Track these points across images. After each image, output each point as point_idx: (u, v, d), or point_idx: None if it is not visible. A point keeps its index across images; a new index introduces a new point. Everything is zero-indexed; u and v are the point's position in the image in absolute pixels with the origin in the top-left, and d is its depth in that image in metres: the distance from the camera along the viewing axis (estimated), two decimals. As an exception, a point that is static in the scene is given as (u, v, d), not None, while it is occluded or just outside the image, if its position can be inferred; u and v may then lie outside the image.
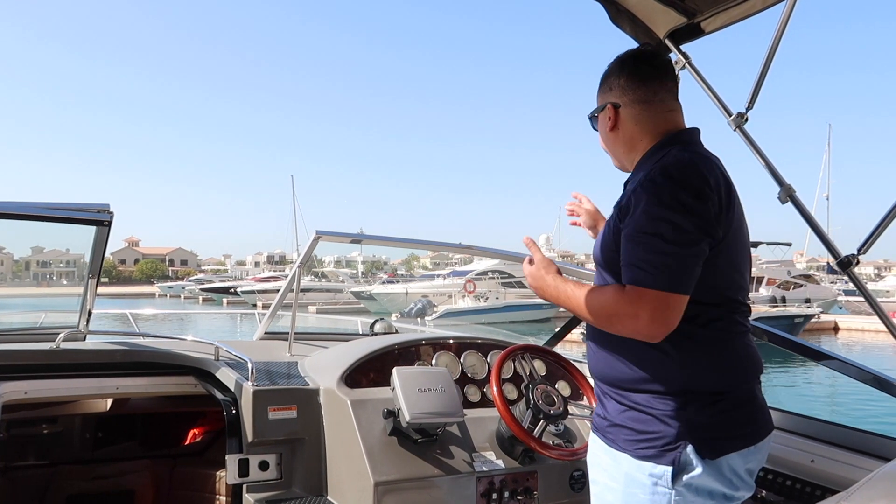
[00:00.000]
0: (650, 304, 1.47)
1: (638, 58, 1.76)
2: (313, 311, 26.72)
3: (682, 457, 1.52)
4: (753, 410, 1.63)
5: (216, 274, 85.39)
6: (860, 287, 2.20)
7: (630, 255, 1.52)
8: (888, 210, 2.03)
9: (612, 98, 1.74)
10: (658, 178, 1.52)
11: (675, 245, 1.47)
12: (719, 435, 1.55)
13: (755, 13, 2.17)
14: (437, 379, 2.35)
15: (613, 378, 1.66)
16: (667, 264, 1.47)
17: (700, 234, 1.49)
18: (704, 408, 1.55)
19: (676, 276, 1.48)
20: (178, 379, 2.91)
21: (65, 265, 19.65)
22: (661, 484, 1.53)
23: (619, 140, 1.75)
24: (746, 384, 1.63)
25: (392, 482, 2.22)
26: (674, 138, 1.68)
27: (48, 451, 3.33)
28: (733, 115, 2.26)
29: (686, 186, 1.50)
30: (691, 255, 1.49)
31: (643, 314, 1.47)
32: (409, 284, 43.43)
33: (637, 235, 1.51)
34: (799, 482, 2.13)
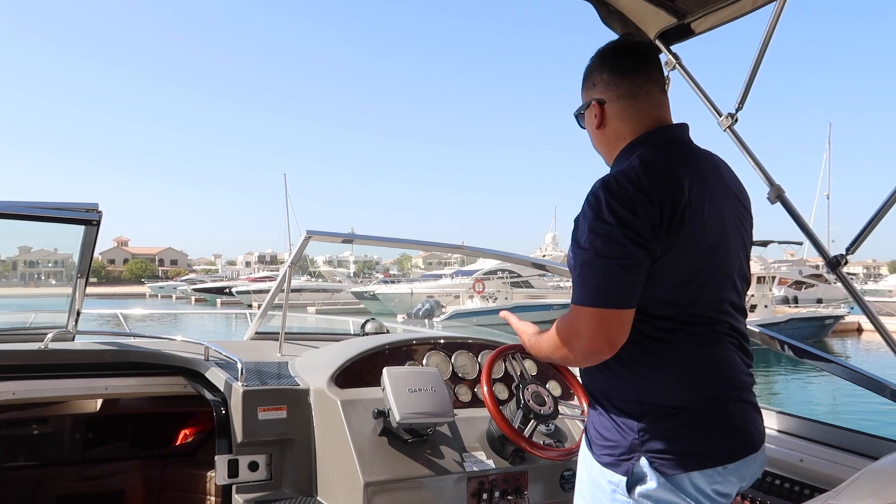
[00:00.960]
0: (588, 321, 1.45)
1: (619, 50, 1.67)
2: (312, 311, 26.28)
3: (634, 468, 1.49)
4: (720, 429, 1.52)
5: (208, 274, 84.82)
6: (849, 287, 2.21)
7: (572, 272, 1.51)
8: (876, 210, 2.04)
9: (596, 94, 1.66)
10: (597, 191, 1.47)
11: (608, 259, 1.43)
12: (674, 451, 1.48)
13: (745, 14, 2.18)
14: (428, 379, 2.34)
15: (587, 384, 1.68)
16: (601, 281, 1.44)
17: (632, 247, 1.43)
18: (659, 422, 1.50)
19: (611, 292, 1.44)
20: (168, 379, 2.90)
21: (53, 265, 19.52)
22: (619, 492, 1.52)
23: (605, 138, 1.68)
24: (712, 401, 1.53)
25: (382, 482, 2.21)
26: (648, 137, 1.61)
27: (38, 451, 3.31)
28: (723, 115, 2.26)
29: (620, 199, 1.44)
30: (624, 267, 1.43)
31: (584, 332, 1.46)
32: (413, 284, 42.43)
33: (574, 251, 1.49)
34: (788, 481, 2.13)
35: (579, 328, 1.47)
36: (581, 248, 1.47)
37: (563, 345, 1.53)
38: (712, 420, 1.52)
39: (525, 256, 4.02)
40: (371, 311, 38.10)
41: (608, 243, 1.43)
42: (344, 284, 55.41)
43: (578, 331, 1.47)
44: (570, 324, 1.50)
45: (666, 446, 1.49)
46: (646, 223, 1.43)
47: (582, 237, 1.47)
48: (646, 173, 1.47)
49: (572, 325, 1.49)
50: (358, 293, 43.90)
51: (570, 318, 1.50)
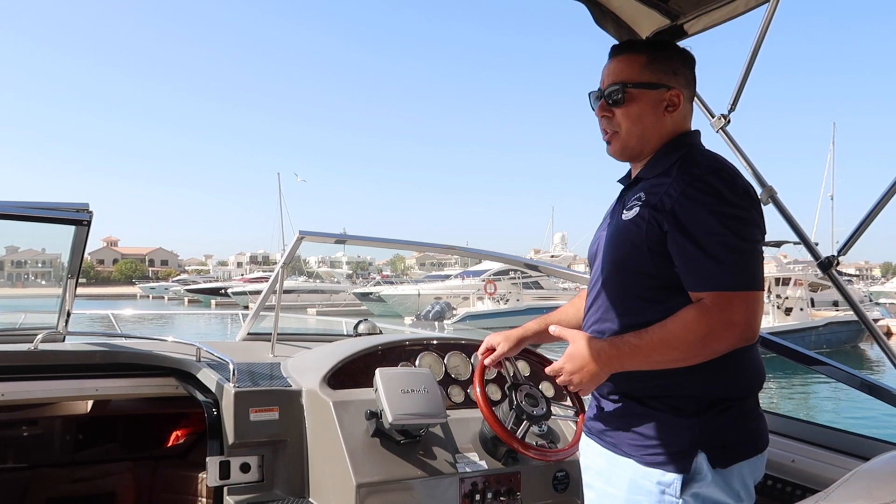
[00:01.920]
0: (743, 306, 1.44)
1: (692, 56, 1.73)
2: (313, 313, 25.58)
3: (693, 465, 1.49)
4: (758, 418, 1.61)
5: (200, 274, 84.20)
6: (840, 288, 2.22)
7: (704, 260, 1.46)
8: (867, 212, 2.05)
9: (675, 83, 1.64)
10: (711, 179, 1.49)
11: (750, 242, 1.48)
12: (731, 443, 1.52)
13: (738, 16, 2.18)
14: (421, 380, 2.34)
15: (619, 382, 1.60)
16: (746, 263, 1.46)
17: (761, 232, 1.51)
18: (717, 415, 1.52)
19: (756, 274, 1.47)
20: (159, 380, 2.88)
21: (41, 265, 19.34)
22: (669, 493, 1.49)
23: (663, 130, 1.65)
24: (754, 392, 1.60)
25: (374, 484, 2.21)
26: (686, 138, 1.66)
27: (28, 453, 3.29)
28: (716, 116, 2.27)
29: (739, 185, 1.50)
30: (760, 251, 1.50)
31: (739, 319, 1.44)
32: (420, 285, 40.92)
33: (709, 238, 1.46)
34: (780, 482, 2.14)
35: (732, 316, 1.44)
36: (716, 234, 1.46)
37: (705, 339, 1.45)
38: (754, 409, 1.60)
39: (518, 257, 4.03)
40: (374, 313, 37.18)
41: (744, 227, 1.48)
42: (342, 285, 54.35)
43: (731, 319, 1.44)
44: (718, 312, 1.44)
45: (723, 439, 1.52)
46: (761, 207, 1.54)
47: (712, 224, 1.46)
48: (732, 165, 1.57)
49: (722, 313, 1.44)
50: (361, 294, 42.80)
51: (717, 307, 1.45)
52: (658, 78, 1.64)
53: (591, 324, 1.70)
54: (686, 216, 1.48)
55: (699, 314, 1.46)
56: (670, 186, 1.52)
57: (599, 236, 1.76)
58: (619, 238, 1.62)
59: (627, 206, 1.62)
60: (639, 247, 1.55)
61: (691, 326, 1.45)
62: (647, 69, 1.64)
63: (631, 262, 1.58)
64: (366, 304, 40.31)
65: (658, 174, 1.60)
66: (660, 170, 1.60)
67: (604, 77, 1.69)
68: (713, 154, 1.61)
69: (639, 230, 1.55)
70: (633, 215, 1.58)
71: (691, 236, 1.47)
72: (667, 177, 1.56)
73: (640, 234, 1.54)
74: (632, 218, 1.58)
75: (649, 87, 1.63)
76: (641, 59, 1.65)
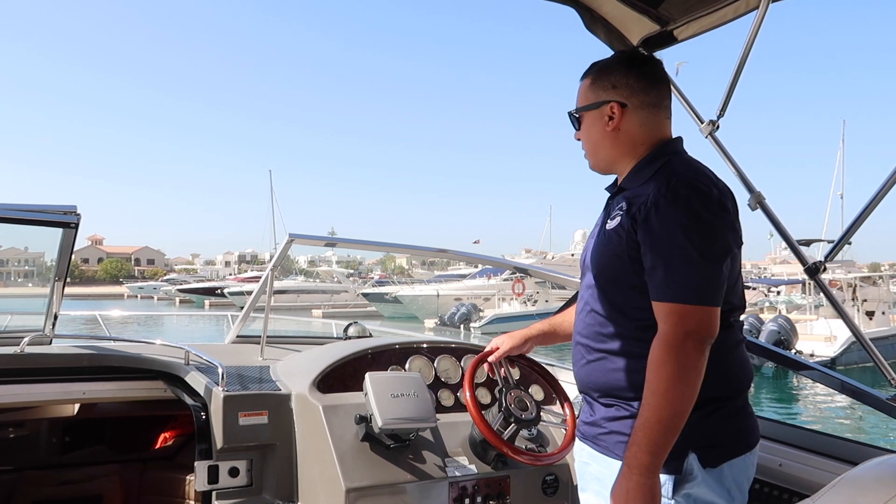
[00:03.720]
0: (696, 318, 1.46)
1: (649, 60, 1.74)
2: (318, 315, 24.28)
3: (685, 466, 1.51)
4: (747, 417, 1.64)
5: (190, 274, 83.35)
6: (828, 294, 2.24)
7: (665, 272, 1.49)
8: (854, 218, 2.07)
9: (616, 97, 1.67)
10: (682, 190, 1.50)
11: (712, 257, 1.48)
12: (720, 443, 1.55)
13: (727, 22, 2.20)
14: (410, 384, 2.34)
15: (609, 386, 1.62)
16: (704, 278, 1.47)
17: (731, 245, 1.51)
18: (706, 416, 1.54)
19: (713, 289, 1.48)
20: (147, 384, 2.86)
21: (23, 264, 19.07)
22: (662, 494, 1.50)
23: (617, 142, 1.69)
24: (743, 391, 1.63)
25: (364, 488, 2.20)
26: (668, 147, 1.67)
27: (13, 455, 3.26)
28: (705, 122, 2.28)
29: (711, 197, 1.50)
30: (726, 266, 1.50)
31: (693, 328, 1.45)
32: (440, 285, 38.22)
33: (669, 250, 1.49)
34: (767, 486, 2.15)
35: (687, 327, 1.46)
36: (678, 247, 1.47)
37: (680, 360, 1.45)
38: (745, 407, 1.63)
39: (508, 261, 4.05)
40: (384, 315, 35.65)
41: (710, 243, 1.48)
42: (343, 285, 52.44)
43: (687, 329, 1.46)
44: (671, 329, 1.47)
45: (713, 439, 1.55)
46: (735, 219, 1.54)
47: (676, 237, 1.48)
48: (711, 174, 1.58)
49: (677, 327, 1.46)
50: (372, 295, 40.55)
51: (669, 321, 1.47)
52: (597, 96, 1.69)
53: (578, 332, 1.74)
54: (654, 226, 1.51)
55: (659, 345, 1.48)
56: (647, 196, 1.55)
57: (588, 245, 1.78)
58: (602, 247, 1.66)
59: (611, 216, 1.66)
60: (620, 256, 1.59)
61: (661, 362, 1.47)
62: (590, 91, 1.71)
63: (613, 271, 1.62)
64: (375, 306, 38.70)
65: (640, 184, 1.63)
66: (641, 180, 1.63)
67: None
68: (694, 163, 1.62)
69: (619, 239, 1.59)
70: (615, 224, 1.62)
71: (655, 247, 1.51)
72: (647, 186, 1.58)
73: (621, 243, 1.58)
74: (614, 227, 1.62)
75: (591, 107, 1.70)
76: (587, 82, 1.73)
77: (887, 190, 1.97)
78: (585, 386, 1.71)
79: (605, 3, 2.26)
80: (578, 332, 1.74)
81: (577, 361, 1.73)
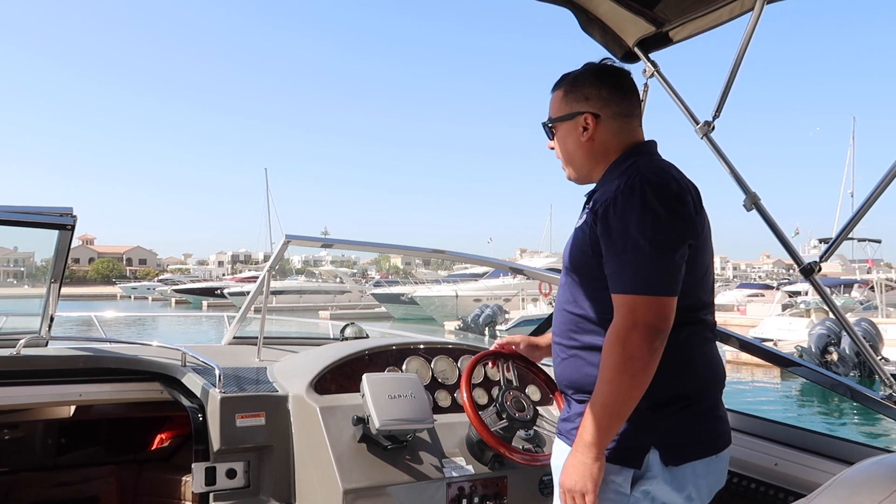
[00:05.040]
0: (647, 308, 1.48)
1: (618, 71, 1.77)
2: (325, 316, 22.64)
3: (645, 462, 1.53)
4: (715, 420, 1.65)
5: (184, 274, 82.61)
6: (823, 294, 2.24)
7: (618, 264, 1.52)
8: (848, 219, 2.08)
9: (588, 108, 1.71)
10: (637, 185, 1.53)
11: (663, 248, 1.49)
12: (683, 441, 1.56)
13: (722, 23, 2.21)
14: (407, 385, 2.34)
15: (579, 381, 1.66)
16: (655, 268, 1.49)
17: (684, 237, 1.52)
18: (670, 413, 1.56)
19: (665, 279, 1.50)
20: (144, 385, 2.86)
21: (12, 264, 19.02)
22: (619, 488, 1.53)
23: (591, 151, 1.74)
24: (710, 391, 1.64)
25: (361, 489, 2.21)
26: (637, 149, 1.71)
27: (9, 457, 3.25)
28: (700, 123, 2.29)
29: (666, 191, 1.53)
30: (679, 256, 1.51)
31: (642, 320, 1.47)
32: (457, 286, 36.33)
33: (622, 242, 1.51)
34: (763, 485, 2.16)
35: (636, 318, 1.48)
36: (630, 238, 1.50)
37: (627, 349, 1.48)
38: (713, 409, 1.64)
39: (503, 261, 4.06)
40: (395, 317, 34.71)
41: (660, 234, 1.50)
42: (347, 285, 51.11)
43: (636, 321, 1.48)
44: (624, 319, 1.49)
45: (676, 437, 1.56)
46: (690, 213, 1.55)
47: (628, 229, 1.51)
48: (672, 169, 1.61)
49: (627, 317, 1.49)
50: (382, 296, 38.71)
51: (620, 311, 1.50)
52: (571, 108, 1.74)
53: (553, 330, 1.79)
54: (610, 220, 1.55)
55: (609, 334, 1.52)
56: (610, 192, 1.59)
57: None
58: (572, 243, 1.71)
59: (581, 216, 1.72)
60: (585, 251, 1.63)
61: (609, 352, 1.50)
62: (563, 102, 1.75)
63: (579, 266, 1.66)
64: (385, 307, 37.21)
65: (607, 183, 1.68)
66: (609, 180, 1.68)
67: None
68: (660, 163, 1.66)
69: (584, 236, 1.64)
70: (581, 222, 1.68)
71: (610, 240, 1.55)
72: (612, 185, 1.63)
73: (586, 239, 1.63)
74: (580, 225, 1.68)
75: (565, 118, 1.74)
76: (559, 93, 1.77)
77: (880, 192, 1.98)
78: (561, 383, 1.74)
79: (600, 4, 2.27)
80: (553, 331, 1.78)
81: (555, 359, 1.77)
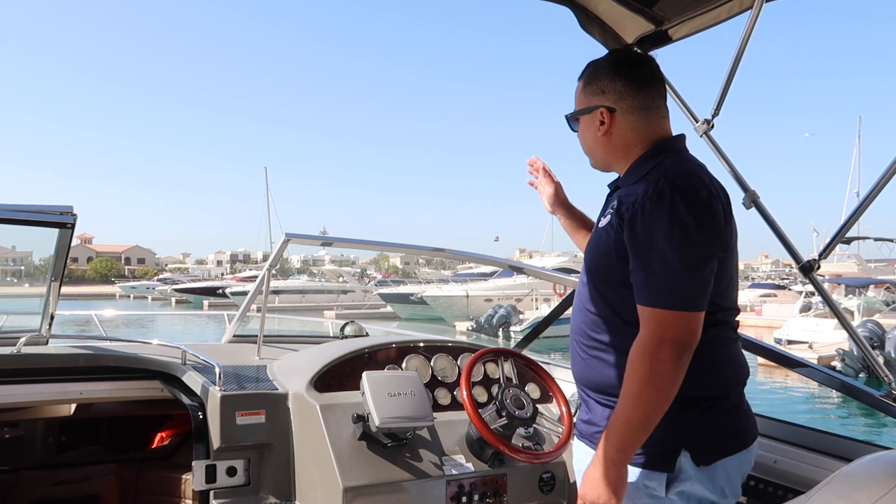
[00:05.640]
0: (676, 324, 1.45)
1: (635, 62, 1.72)
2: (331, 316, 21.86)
3: (677, 464, 1.52)
4: (742, 415, 1.65)
5: (184, 273, 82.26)
6: (822, 292, 2.25)
7: (645, 275, 1.49)
8: (847, 218, 2.09)
9: (605, 101, 1.67)
10: (667, 193, 1.48)
11: (694, 262, 1.46)
12: (713, 440, 1.56)
13: (722, 21, 2.21)
14: (407, 383, 2.34)
15: (604, 384, 1.63)
16: (685, 283, 1.45)
17: (714, 250, 1.49)
18: (698, 414, 1.55)
19: (694, 294, 1.46)
20: (144, 383, 2.86)
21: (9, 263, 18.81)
22: (655, 492, 1.53)
23: (610, 145, 1.70)
24: (735, 389, 1.64)
25: (361, 487, 2.21)
26: (664, 145, 1.66)
27: (10, 456, 3.25)
28: (700, 121, 2.29)
29: (696, 200, 1.48)
30: (709, 271, 1.48)
31: (671, 336, 1.44)
32: (468, 285, 35.31)
33: (650, 254, 1.48)
34: (762, 482, 2.17)
35: (664, 333, 1.45)
36: (659, 251, 1.46)
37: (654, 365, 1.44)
38: (738, 405, 1.64)
39: (503, 259, 4.06)
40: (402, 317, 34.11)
41: (691, 247, 1.46)
42: (351, 285, 50.17)
43: (664, 336, 1.45)
44: (648, 333, 1.47)
45: (706, 437, 1.55)
46: (721, 223, 1.51)
47: (656, 240, 1.47)
48: (703, 173, 1.56)
49: (655, 331, 1.46)
50: (389, 295, 37.97)
51: (648, 325, 1.47)
52: (589, 101, 1.71)
53: (573, 328, 1.76)
54: (637, 229, 1.50)
55: (635, 348, 1.48)
56: (636, 197, 1.54)
57: (589, 241, 1.79)
58: (593, 245, 1.68)
59: (604, 214, 1.68)
60: (608, 254, 1.59)
61: (636, 365, 1.46)
62: (582, 94, 1.73)
63: (601, 268, 1.63)
64: (392, 306, 36.46)
65: (632, 183, 1.63)
66: (633, 179, 1.64)
67: None
68: (688, 163, 1.61)
69: (608, 238, 1.60)
70: (605, 223, 1.63)
71: (637, 250, 1.51)
72: (637, 186, 1.58)
73: (609, 241, 1.59)
74: (604, 226, 1.64)
75: (584, 112, 1.72)
76: (580, 85, 1.75)
77: (878, 192, 1.98)
78: (581, 383, 1.72)
79: (599, 2, 2.26)
80: (573, 329, 1.76)
81: (574, 358, 1.75)
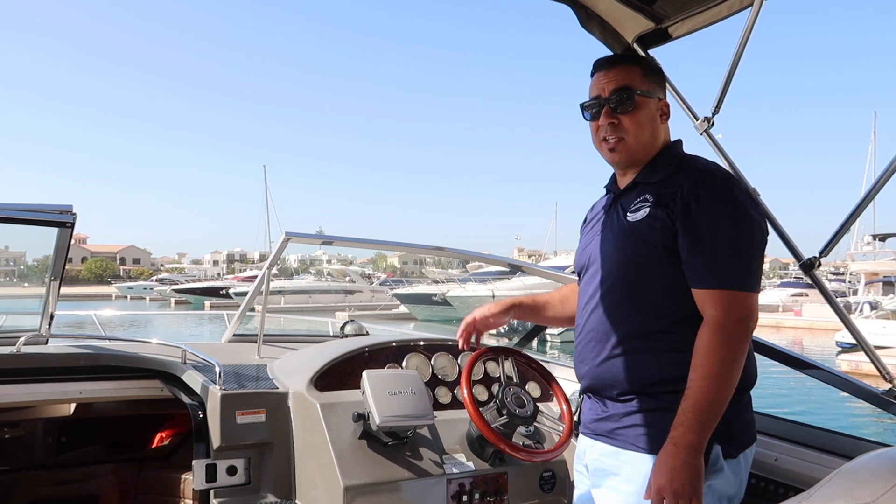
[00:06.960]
0: (747, 304, 1.54)
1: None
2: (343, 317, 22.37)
3: (710, 457, 1.54)
4: (751, 409, 1.71)
5: (181, 273, 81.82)
6: (822, 289, 2.25)
7: (709, 259, 1.55)
8: (848, 214, 2.09)
9: (663, 94, 1.81)
10: (719, 180, 1.60)
11: (756, 245, 1.58)
12: (738, 433, 1.61)
13: (721, 19, 2.21)
14: (408, 381, 2.34)
15: (632, 381, 1.63)
16: (752, 265, 1.56)
17: (765, 234, 1.62)
18: (730, 406, 1.56)
19: (758, 276, 1.57)
20: (144, 383, 2.86)
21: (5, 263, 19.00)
22: (703, 473, 1.52)
23: (655, 136, 1.76)
24: (754, 384, 1.68)
25: (362, 486, 2.21)
26: (675, 146, 1.78)
27: (10, 456, 3.25)
28: (700, 118, 2.29)
29: (746, 189, 1.64)
30: (762, 253, 1.60)
31: (745, 315, 1.53)
32: (493, 285, 34.19)
33: (714, 238, 1.55)
34: (763, 480, 2.17)
35: (741, 313, 1.53)
36: (728, 237, 1.55)
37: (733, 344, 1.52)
38: (750, 400, 1.70)
39: (501, 257, 4.07)
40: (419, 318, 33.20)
41: (756, 232, 1.59)
42: (357, 285, 49.28)
43: (741, 316, 1.53)
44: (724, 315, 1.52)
45: (733, 429, 1.59)
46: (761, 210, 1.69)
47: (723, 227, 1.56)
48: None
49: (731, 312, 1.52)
50: (406, 296, 36.79)
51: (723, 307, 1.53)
52: (653, 88, 1.76)
53: (588, 329, 1.75)
54: (698, 216, 1.56)
55: (711, 330, 1.52)
56: (682, 187, 1.60)
57: (591, 243, 1.80)
58: (627, 239, 1.67)
59: (631, 209, 1.68)
60: (653, 245, 1.61)
61: (714, 347, 1.51)
62: (644, 80, 1.75)
63: (642, 261, 1.64)
64: (408, 307, 35.58)
65: (661, 177, 1.68)
66: (662, 174, 1.69)
67: (601, 86, 1.74)
68: (704, 163, 1.72)
69: (652, 230, 1.62)
70: (642, 216, 1.65)
71: (700, 236, 1.56)
72: (675, 178, 1.64)
73: (655, 233, 1.61)
74: (642, 219, 1.65)
75: (650, 95, 1.74)
76: (638, 70, 1.76)
77: (881, 185, 1.99)
78: (600, 383, 1.70)
79: (599, 0, 2.26)
80: (585, 332, 1.75)
81: (588, 359, 1.73)
